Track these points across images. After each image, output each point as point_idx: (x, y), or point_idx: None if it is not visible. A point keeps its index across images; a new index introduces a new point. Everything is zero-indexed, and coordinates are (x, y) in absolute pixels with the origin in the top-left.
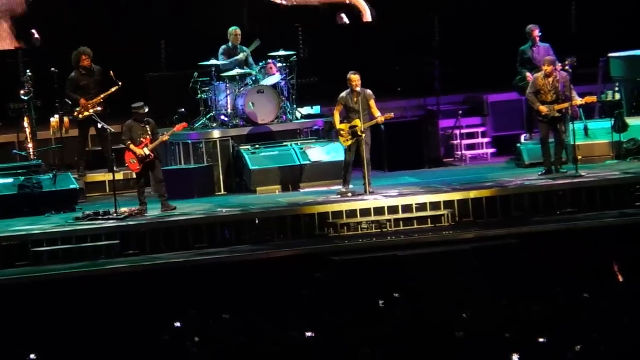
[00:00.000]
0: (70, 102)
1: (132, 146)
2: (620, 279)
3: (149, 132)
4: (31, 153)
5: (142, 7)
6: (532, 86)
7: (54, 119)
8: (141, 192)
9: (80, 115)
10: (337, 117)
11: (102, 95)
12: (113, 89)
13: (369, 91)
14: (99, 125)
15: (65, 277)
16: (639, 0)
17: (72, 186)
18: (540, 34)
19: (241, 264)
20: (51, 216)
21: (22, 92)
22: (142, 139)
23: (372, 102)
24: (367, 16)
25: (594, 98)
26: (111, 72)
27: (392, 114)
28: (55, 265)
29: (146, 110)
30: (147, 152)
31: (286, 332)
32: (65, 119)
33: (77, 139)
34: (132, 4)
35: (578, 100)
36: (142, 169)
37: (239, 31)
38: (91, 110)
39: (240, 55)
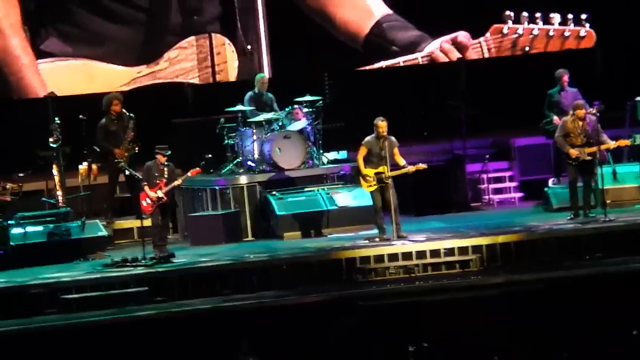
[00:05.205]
0: (100, 150)
1: (146, 188)
2: None
3: (166, 175)
4: (60, 201)
5: None
6: (561, 129)
7: (83, 167)
8: (155, 233)
9: (120, 165)
10: (361, 162)
11: (136, 149)
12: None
13: (393, 139)
14: (127, 172)
15: (95, 324)
16: None
17: (100, 233)
18: (569, 79)
19: (268, 310)
20: (80, 263)
21: (51, 139)
22: (158, 181)
23: (396, 150)
24: None
25: (627, 142)
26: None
27: (425, 165)
28: (85, 312)
29: (168, 154)
30: (161, 195)
31: None
32: (94, 166)
33: (106, 186)
34: None
35: (611, 144)
36: (155, 210)
37: (266, 78)
38: (123, 158)
39: (269, 115)
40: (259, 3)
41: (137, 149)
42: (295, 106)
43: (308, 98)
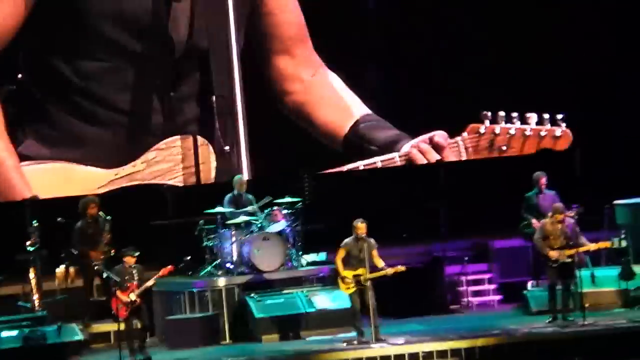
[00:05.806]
0: (77, 254)
1: (118, 292)
2: None
3: (136, 278)
4: (36, 305)
5: None
6: (540, 232)
7: (60, 270)
8: (130, 337)
9: (96, 267)
10: (340, 264)
11: (112, 252)
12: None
13: (372, 240)
14: (104, 275)
15: None
16: None
17: (76, 338)
18: (546, 182)
19: None
20: None
21: (28, 243)
22: (129, 284)
23: (375, 252)
24: None
25: (607, 243)
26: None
27: (404, 268)
28: None
29: (136, 255)
30: (134, 298)
31: None
32: (71, 269)
33: (82, 289)
34: None
35: (591, 246)
36: (130, 314)
37: (244, 180)
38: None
39: (250, 208)
40: (238, 104)
41: (113, 251)
42: (275, 207)
43: (287, 199)
